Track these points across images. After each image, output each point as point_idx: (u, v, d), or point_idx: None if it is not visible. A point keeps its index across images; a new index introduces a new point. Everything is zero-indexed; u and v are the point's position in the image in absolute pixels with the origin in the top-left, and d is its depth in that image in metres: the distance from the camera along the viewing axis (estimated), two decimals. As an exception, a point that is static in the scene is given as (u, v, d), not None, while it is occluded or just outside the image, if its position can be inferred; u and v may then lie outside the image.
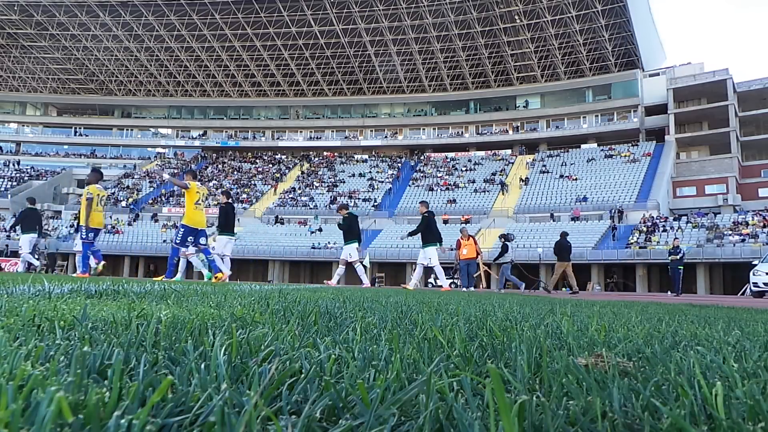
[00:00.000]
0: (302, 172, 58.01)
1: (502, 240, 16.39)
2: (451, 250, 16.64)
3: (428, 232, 11.92)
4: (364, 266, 32.95)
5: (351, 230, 12.21)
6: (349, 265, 12.39)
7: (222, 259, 11.20)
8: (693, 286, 32.52)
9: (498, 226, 41.50)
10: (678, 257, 17.94)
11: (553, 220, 41.07)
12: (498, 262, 16.49)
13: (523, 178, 48.90)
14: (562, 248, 15.20)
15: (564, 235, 15.47)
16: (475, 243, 15.48)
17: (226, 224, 11.85)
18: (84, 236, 10.15)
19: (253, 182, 56.14)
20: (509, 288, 16.74)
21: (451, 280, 17.54)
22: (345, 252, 12.30)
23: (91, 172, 10.60)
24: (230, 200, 12.13)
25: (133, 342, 1.07)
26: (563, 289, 34.77)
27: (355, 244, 12.30)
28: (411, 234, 12.90)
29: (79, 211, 10.39)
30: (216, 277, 10.27)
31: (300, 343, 1.15)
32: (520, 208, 44.62)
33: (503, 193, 47.77)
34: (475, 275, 15.77)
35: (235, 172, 59.02)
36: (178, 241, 9.96)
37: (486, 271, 17.61)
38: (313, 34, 52.83)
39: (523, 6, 48.50)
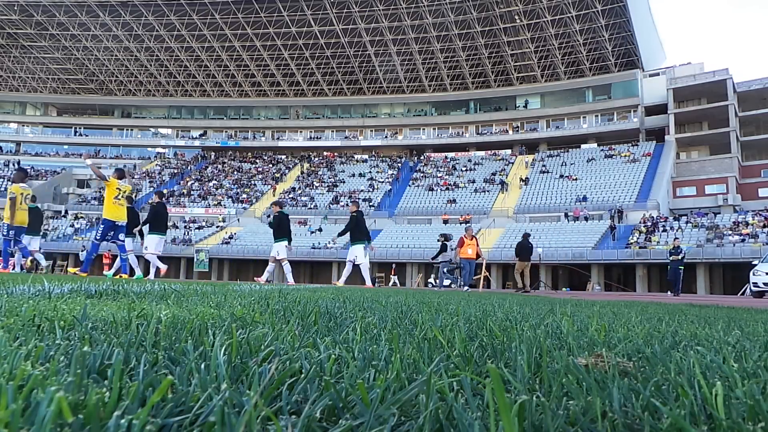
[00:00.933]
0: (302, 172, 58.01)
1: (441, 240, 16.99)
2: (451, 249, 16.61)
3: (357, 231, 12.22)
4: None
5: (280, 228, 12.50)
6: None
7: (154, 257, 12.02)
8: (693, 286, 32.51)
9: (498, 226, 41.50)
10: (679, 257, 17.93)
11: (567, 219, 40.83)
12: (436, 260, 17.14)
13: (523, 178, 48.90)
14: (523, 249, 15.90)
15: (526, 236, 16.13)
16: (477, 244, 15.50)
17: (157, 223, 12.23)
18: (5, 233, 10.49)
19: (253, 182, 56.14)
20: (450, 287, 17.22)
21: (450, 281, 17.54)
22: (277, 249, 12.55)
23: (15, 171, 11.00)
24: (162, 200, 12.61)
25: (133, 342, 1.07)
26: (563, 289, 34.79)
27: (285, 242, 12.63)
28: (340, 234, 13.55)
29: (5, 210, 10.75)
30: (121, 276, 10.78)
31: (300, 343, 1.15)
32: (520, 208, 44.62)
33: (503, 192, 47.79)
34: (474, 278, 15.85)
35: (235, 172, 59.02)
36: (98, 237, 10.23)
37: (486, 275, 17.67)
38: (313, 34, 52.83)
39: (523, 6, 48.50)
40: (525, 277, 15.80)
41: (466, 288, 14.53)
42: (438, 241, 17.36)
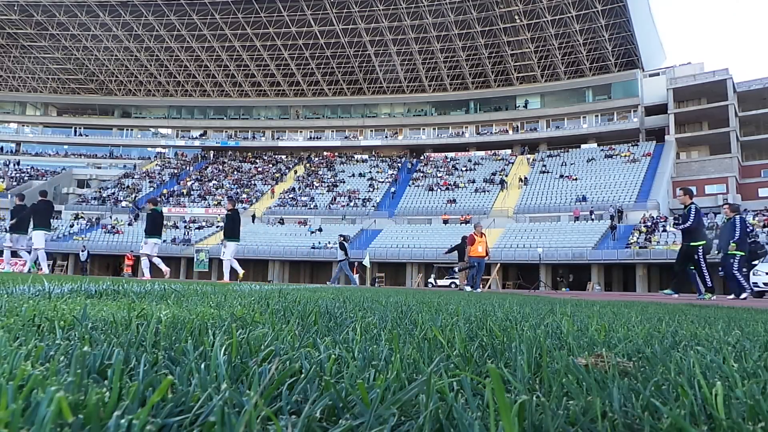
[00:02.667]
0: (301, 172, 58.03)
1: (341, 239, 17.97)
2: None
3: (231, 229, 12.78)
4: (364, 266, 32.66)
5: (154, 225, 12.80)
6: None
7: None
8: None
9: (498, 226, 41.51)
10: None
11: (594, 218, 40.54)
12: (339, 260, 17.91)
13: (522, 178, 48.90)
14: (460, 251, 16.26)
15: (464, 239, 16.36)
16: (486, 242, 15.44)
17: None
18: None
19: (253, 182, 56.14)
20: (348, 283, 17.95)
21: (452, 280, 17.60)
22: (147, 246, 12.83)
23: None
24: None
25: (133, 342, 1.07)
26: (563, 289, 34.80)
27: (155, 239, 12.84)
28: (226, 233, 13.76)
29: None
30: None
31: (300, 343, 1.15)
32: (520, 208, 44.62)
33: (503, 190, 47.82)
34: (484, 277, 15.99)
35: (235, 172, 59.03)
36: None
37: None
38: (313, 34, 52.84)
39: (523, 6, 48.50)
40: (464, 277, 16.41)
41: (479, 290, 14.52)
42: (337, 241, 18.28)
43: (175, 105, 65.31)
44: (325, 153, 61.74)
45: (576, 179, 46.86)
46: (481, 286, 16.03)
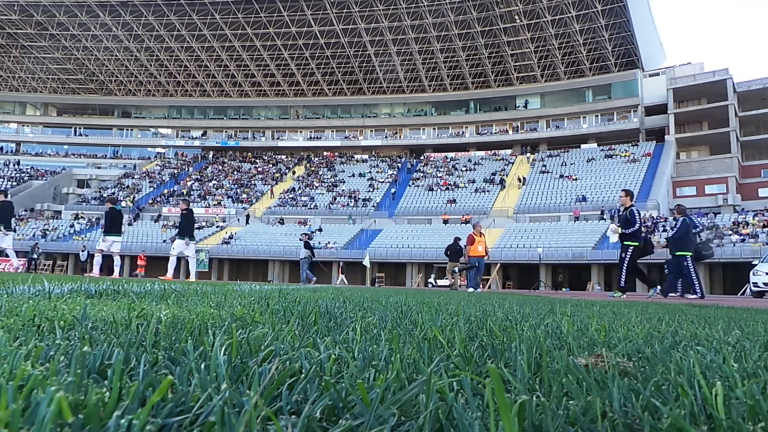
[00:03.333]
0: (301, 172, 58.04)
1: (305, 238, 18.52)
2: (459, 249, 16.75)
3: (184, 228, 13.10)
4: (364, 266, 32.80)
5: (112, 223, 13.13)
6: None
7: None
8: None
9: (498, 226, 41.51)
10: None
11: (604, 218, 40.69)
12: (301, 257, 18.48)
13: (520, 178, 48.86)
14: (452, 251, 16.64)
15: (457, 240, 16.83)
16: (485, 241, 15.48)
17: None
18: None
19: (253, 182, 56.14)
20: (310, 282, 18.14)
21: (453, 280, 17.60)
22: (103, 244, 13.15)
23: None
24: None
25: (133, 342, 1.07)
26: (563, 289, 34.80)
27: (113, 237, 13.13)
28: (179, 230, 13.86)
29: None
30: None
31: (300, 343, 1.15)
32: (520, 208, 44.62)
33: (503, 190, 47.84)
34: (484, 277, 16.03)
35: (235, 172, 59.02)
36: None
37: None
38: (313, 34, 52.84)
39: (523, 6, 48.50)
40: (455, 275, 16.77)
41: (479, 289, 14.53)
42: (300, 239, 18.89)
43: (175, 105, 65.31)
44: (325, 153, 61.74)
45: (576, 179, 46.86)
46: (481, 286, 16.03)
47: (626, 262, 10.26)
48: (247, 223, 47.07)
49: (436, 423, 0.62)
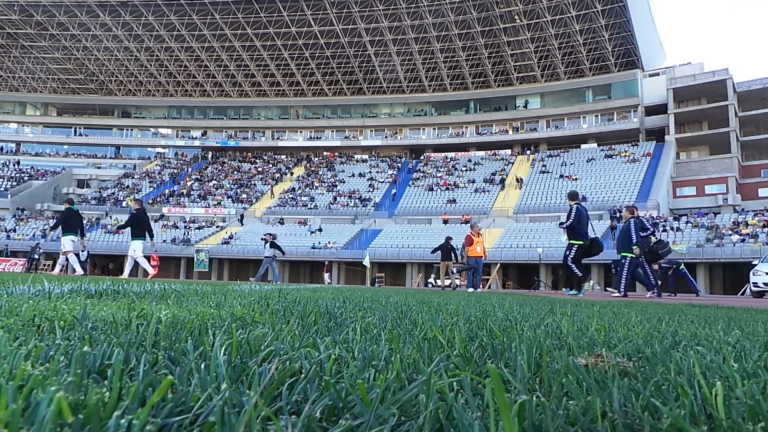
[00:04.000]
0: (301, 172, 58.04)
1: (269, 238, 18.84)
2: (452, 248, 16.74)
3: (137, 227, 13.31)
4: (364, 266, 32.80)
5: (66, 223, 13.31)
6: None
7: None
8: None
9: (498, 226, 41.51)
10: (675, 267, 18.00)
11: (618, 216, 40.71)
12: (265, 255, 18.82)
13: (518, 179, 48.81)
14: (444, 250, 16.67)
15: (448, 239, 16.88)
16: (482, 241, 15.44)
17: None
18: None
19: (253, 182, 56.14)
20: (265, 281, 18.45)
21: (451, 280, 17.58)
22: (63, 243, 13.37)
23: None
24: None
25: (133, 342, 1.07)
26: (563, 289, 34.76)
27: (71, 237, 13.33)
28: (121, 228, 14.25)
29: None
30: None
31: (300, 343, 1.15)
32: (520, 208, 44.62)
33: (503, 190, 47.85)
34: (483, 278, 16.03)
35: (235, 172, 59.03)
36: None
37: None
38: (313, 34, 52.84)
39: (523, 6, 48.50)
40: (442, 275, 16.90)
41: (479, 290, 14.51)
42: (263, 239, 19.31)
43: (175, 105, 65.31)
44: (325, 153, 61.75)
45: (576, 179, 46.87)
46: (481, 286, 16.03)
47: (569, 258, 10.73)
48: (241, 223, 47.09)
49: (436, 423, 0.62)
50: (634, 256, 10.86)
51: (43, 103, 67.00)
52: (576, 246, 10.77)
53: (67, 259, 13.28)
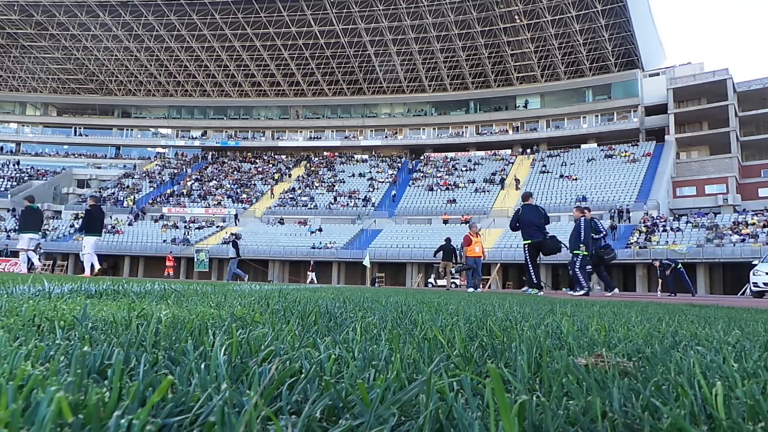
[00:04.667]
0: (301, 172, 58.04)
1: (233, 238, 19.52)
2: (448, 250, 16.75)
3: (92, 224, 13.29)
4: (365, 266, 32.82)
5: (26, 221, 13.39)
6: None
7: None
8: (693, 286, 32.49)
9: (498, 226, 41.48)
10: (674, 265, 18.04)
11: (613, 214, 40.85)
12: (229, 257, 19.39)
13: (516, 180, 48.77)
14: (446, 251, 16.80)
15: (448, 240, 17.02)
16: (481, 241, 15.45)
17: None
18: None
19: (253, 182, 56.14)
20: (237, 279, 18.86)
21: (452, 280, 17.61)
22: (22, 241, 13.48)
23: None
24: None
25: (133, 342, 1.07)
26: (563, 289, 34.78)
27: (30, 234, 13.41)
28: (81, 227, 14.07)
29: None
30: None
31: (300, 343, 1.15)
32: (520, 208, 44.58)
33: (503, 190, 47.85)
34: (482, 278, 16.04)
35: (235, 172, 59.03)
36: None
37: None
38: (313, 34, 52.83)
39: (523, 6, 48.50)
40: (447, 275, 16.93)
41: (479, 289, 14.52)
42: (227, 241, 20.00)
43: (175, 105, 65.31)
44: (325, 153, 61.74)
45: (576, 179, 46.87)
46: (481, 286, 16.03)
47: (527, 258, 11.11)
48: (236, 222, 47.18)
49: (436, 423, 0.62)
50: (585, 254, 11.20)
51: (43, 103, 67.00)
52: (526, 245, 11.14)
53: (28, 257, 13.43)
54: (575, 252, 11.30)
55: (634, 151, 49.20)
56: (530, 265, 11.07)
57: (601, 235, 11.58)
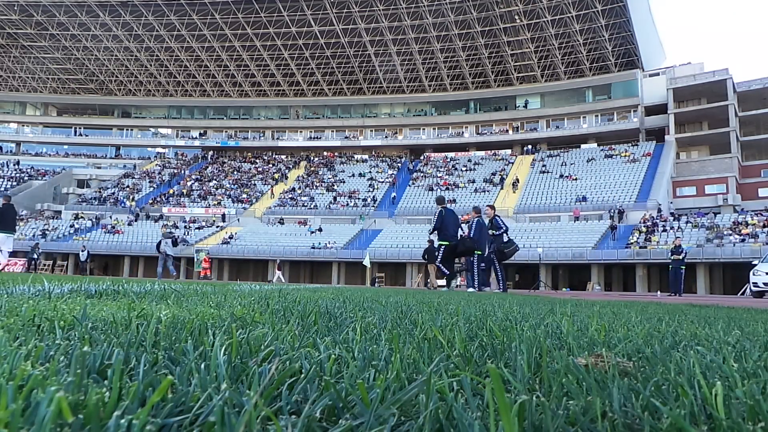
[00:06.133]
0: (301, 172, 58.04)
1: (170, 233, 19.79)
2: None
3: (3, 222, 13.42)
4: (365, 266, 32.69)
5: (4, 219, 13.45)
6: None
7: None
8: (693, 286, 32.52)
9: (498, 226, 41.46)
10: (680, 257, 17.85)
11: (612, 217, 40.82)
12: (168, 254, 19.39)
13: (515, 180, 48.76)
14: (429, 252, 17.02)
15: (431, 242, 17.12)
16: None
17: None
18: None
19: (253, 182, 56.14)
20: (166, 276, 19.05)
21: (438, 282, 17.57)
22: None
23: None
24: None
25: (133, 342, 1.07)
26: (563, 288, 34.80)
27: (5, 234, 13.44)
28: (4, 227, 14.11)
29: None
30: None
31: (300, 343, 1.15)
32: (520, 208, 44.62)
33: (503, 189, 47.86)
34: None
35: (235, 172, 59.02)
36: None
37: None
38: (313, 34, 52.83)
39: (523, 6, 48.50)
40: (429, 275, 17.05)
41: (486, 289, 14.52)
42: (167, 237, 19.91)
43: (175, 105, 65.30)
44: (325, 153, 61.74)
45: (576, 179, 46.86)
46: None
47: (438, 259, 11.62)
48: (222, 221, 47.42)
49: (436, 423, 0.62)
50: (480, 252, 11.60)
51: (43, 103, 66.99)
52: (443, 246, 11.61)
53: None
54: (477, 252, 11.73)
55: (634, 151, 49.20)
56: (443, 266, 11.66)
57: (502, 230, 11.96)
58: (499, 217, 12.25)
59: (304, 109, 63.90)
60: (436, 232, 11.98)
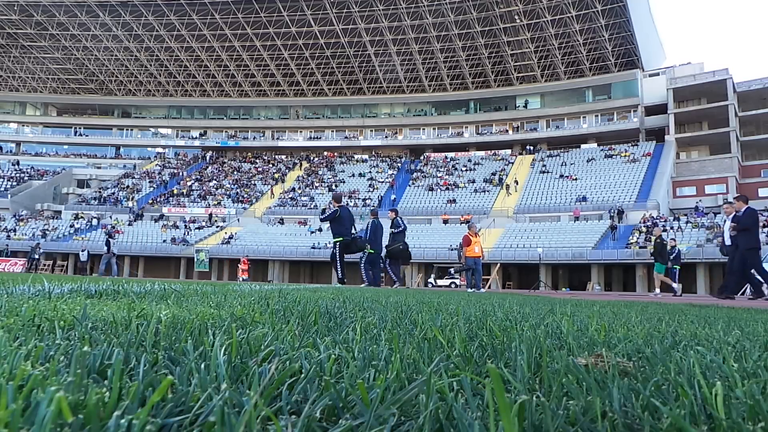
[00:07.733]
0: (301, 172, 58.03)
1: (108, 236, 21.12)
2: (452, 249, 16.76)
3: None
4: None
5: None
6: None
7: None
8: (693, 286, 32.51)
9: (498, 226, 41.49)
10: (671, 257, 17.89)
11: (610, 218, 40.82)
12: (114, 253, 20.88)
13: (515, 180, 48.72)
14: (403, 253, 17.09)
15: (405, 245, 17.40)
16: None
17: None
18: None
19: (253, 182, 56.13)
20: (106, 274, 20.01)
21: (451, 280, 17.61)
22: None
23: None
24: None
25: (133, 342, 1.07)
26: (563, 288, 34.80)
27: None
28: None
29: None
30: None
31: (300, 343, 1.15)
32: (520, 208, 44.61)
33: (503, 190, 47.85)
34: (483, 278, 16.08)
35: (235, 172, 59.02)
36: None
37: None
38: (313, 34, 52.83)
39: (523, 6, 48.50)
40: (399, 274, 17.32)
41: (482, 290, 14.53)
42: (106, 234, 21.59)
43: (175, 105, 65.29)
44: (325, 153, 61.73)
45: (576, 179, 46.86)
46: (482, 286, 16.03)
47: (336, 255, 12.18)
48: (209, 221, 47.52)
49: (436, 423, 0.62)
50: (371, 251, 12.61)
51: (43, 103, 66.98)
52: (338, 243, 12.19)
53: None
54: (367, 251, 12.63)
55: (634, 151, 49.19)
56: (339, 263, 12.18)
57: (400, 229, 13.28)
58: (400, 218, 13.66)
59: (304, 109, 63.89)
60: (330, 228, 12.45)
